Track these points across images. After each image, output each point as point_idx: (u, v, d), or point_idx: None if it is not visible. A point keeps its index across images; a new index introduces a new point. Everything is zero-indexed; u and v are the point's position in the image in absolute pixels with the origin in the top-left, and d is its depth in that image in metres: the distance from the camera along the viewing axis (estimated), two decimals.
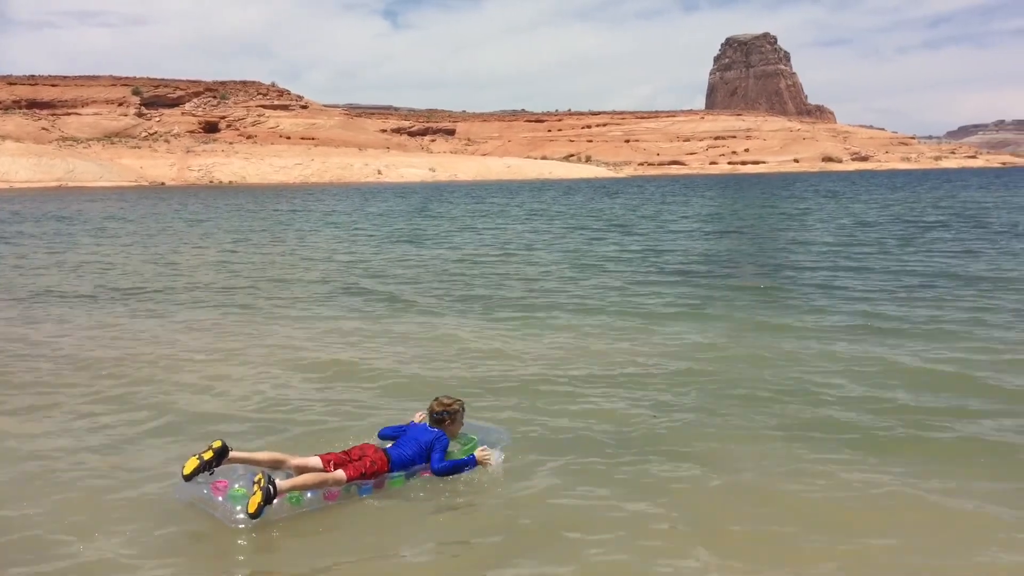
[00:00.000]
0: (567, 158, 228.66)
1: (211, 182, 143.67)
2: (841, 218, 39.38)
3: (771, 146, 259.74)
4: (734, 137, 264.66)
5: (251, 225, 40.14)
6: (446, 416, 7.25)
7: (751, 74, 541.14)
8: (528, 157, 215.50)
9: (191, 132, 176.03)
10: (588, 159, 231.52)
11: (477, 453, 7.16)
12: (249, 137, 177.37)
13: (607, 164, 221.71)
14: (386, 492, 6.72)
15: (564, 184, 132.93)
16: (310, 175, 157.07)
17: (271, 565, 5.84)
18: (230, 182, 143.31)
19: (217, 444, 6.44)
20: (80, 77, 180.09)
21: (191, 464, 6.36)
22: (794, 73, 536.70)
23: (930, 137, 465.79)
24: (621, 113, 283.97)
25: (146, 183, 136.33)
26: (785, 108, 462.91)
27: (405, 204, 62.72)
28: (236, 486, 6.33)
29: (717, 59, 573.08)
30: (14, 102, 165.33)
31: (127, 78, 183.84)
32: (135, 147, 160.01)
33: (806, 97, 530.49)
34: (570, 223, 39.61)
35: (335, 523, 6.24)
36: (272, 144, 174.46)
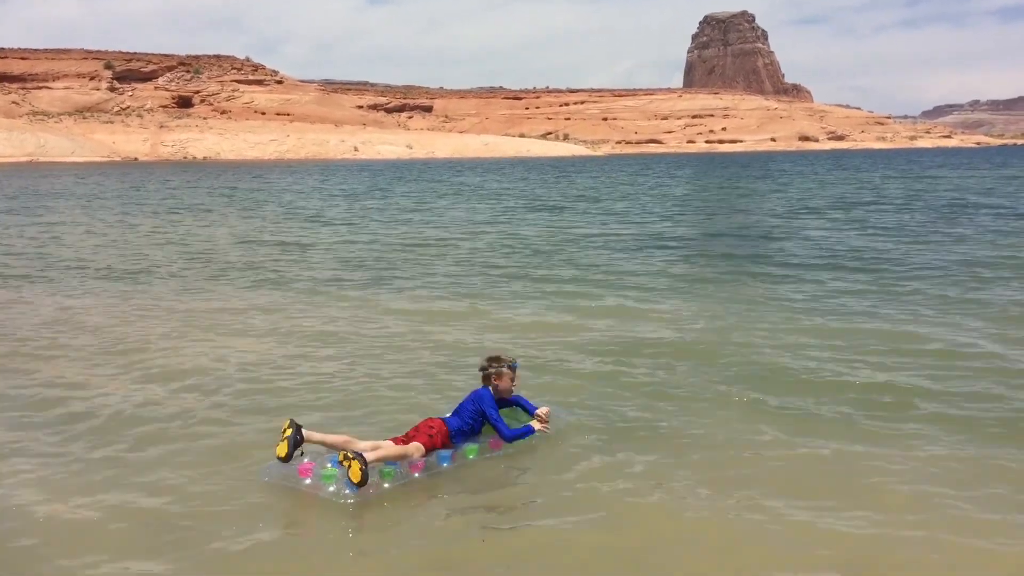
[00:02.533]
0: (545, 136, 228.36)
1: (185, 158, 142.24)
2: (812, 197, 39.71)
3: (748, 125, 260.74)
4: (711, 116, 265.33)
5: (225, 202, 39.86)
6: (491, 371, 7.43)
7: (729, 52, 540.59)
8: (506, 135, 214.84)
9: (164, 107, 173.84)
10: (566, 137, 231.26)
11: (535, 424, 7.42)
12: (223, 112, 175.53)
13: (585, 142, 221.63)
14: (451, 468, 6.91)
15: (542, 162, 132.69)
16: (286, 151, 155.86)
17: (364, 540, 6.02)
18: (204, 158, 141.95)
19: (287, 428, 6.63)
20: (51, 50, 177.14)
21: (282, 448, 6.55)
22: (772, 52, 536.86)
23: (906, 117, 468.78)
24: (599, 91, 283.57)
25: (119, 158, 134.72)
26: (763, 87, 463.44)
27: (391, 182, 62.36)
28: (328, 466, 6.49)
29: (695, 37, 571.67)
30: None
31: (98, 51, 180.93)
32: (108, 122, 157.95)
33: (783, 76, 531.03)
34: (536, 203, 39.70)
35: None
36: (247, 120, 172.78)
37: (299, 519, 6.30)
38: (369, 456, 6.36)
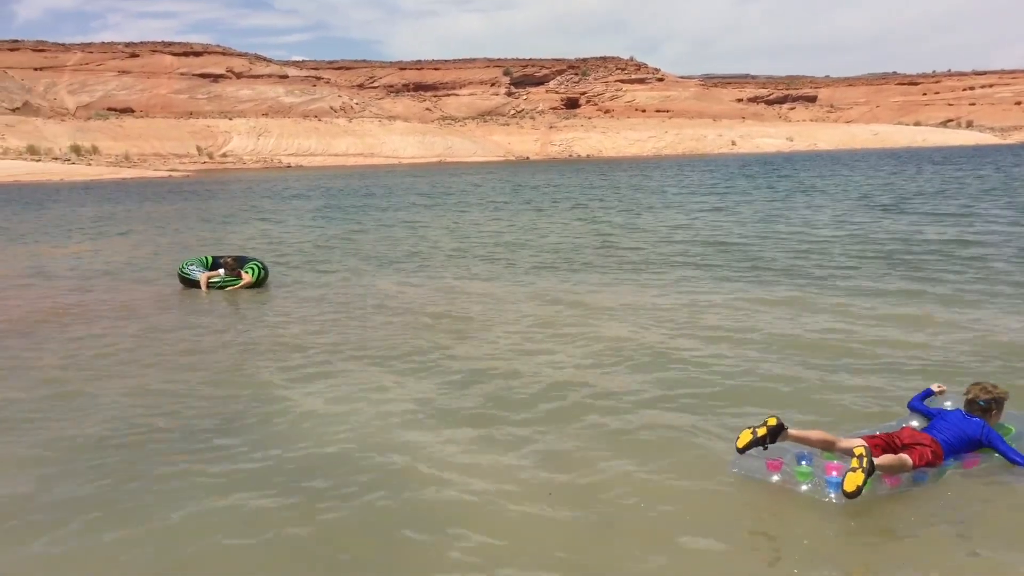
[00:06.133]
0: (945, 123, 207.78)
1: (570, 156, 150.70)
2: None
3: None
4: None
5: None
6: (992, 405, 6.77)
7: None
8: (899, 123, 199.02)
9: (553, 108, 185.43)
10: (969, 124, 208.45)
11: None
12: (606, 111, 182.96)
13: (992, 129, 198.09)
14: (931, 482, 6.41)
15: (940, 152, 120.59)
16: (663, 147, 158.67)
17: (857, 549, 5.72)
18: (588, 156, 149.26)
19: (772, 421, 6.27)
20: (458, 60, 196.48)
21: (744, 437, 6.30)
22: None
23: None
24: (1012, 72, 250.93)
25: (513, 158, 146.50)
26: None
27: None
28: (803, 464, 6.28)
29: None
30: (404, 85, 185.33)
31: (498, 60, 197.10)
32: (504, 124, 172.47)
33: None
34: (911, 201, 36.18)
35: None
36: (628, 118, 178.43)
37: (778, 516, 6.06)
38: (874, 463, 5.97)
